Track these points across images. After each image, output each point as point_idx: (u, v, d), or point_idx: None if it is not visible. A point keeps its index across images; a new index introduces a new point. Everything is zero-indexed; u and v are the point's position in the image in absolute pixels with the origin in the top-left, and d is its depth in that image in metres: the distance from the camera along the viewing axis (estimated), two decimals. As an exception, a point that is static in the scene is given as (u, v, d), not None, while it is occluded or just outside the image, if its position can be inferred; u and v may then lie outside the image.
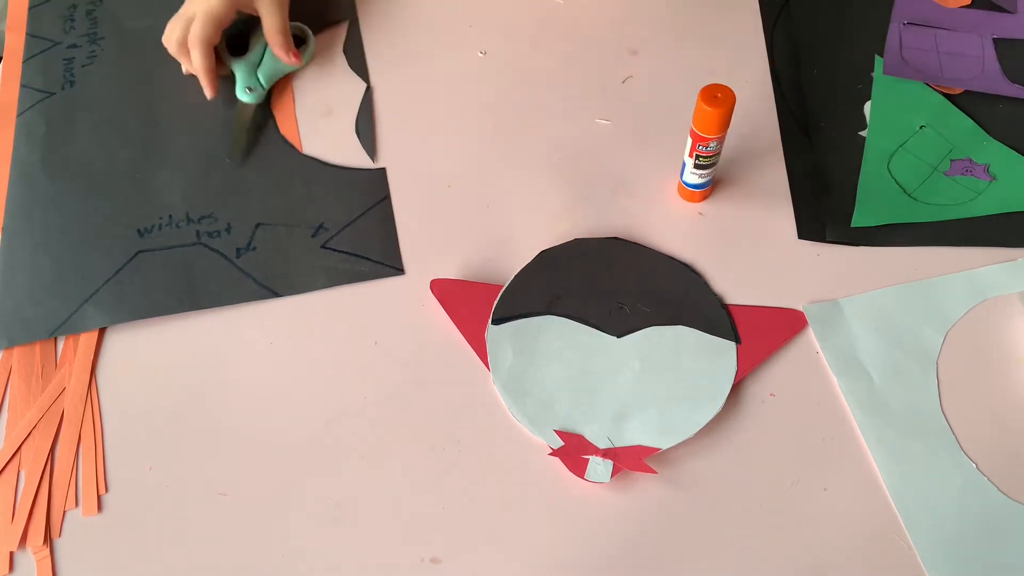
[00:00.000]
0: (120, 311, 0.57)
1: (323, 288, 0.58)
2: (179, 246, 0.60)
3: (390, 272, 0.59)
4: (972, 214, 0.61)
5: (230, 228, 0.61)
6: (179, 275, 0.59)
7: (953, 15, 0.72)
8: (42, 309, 0.57)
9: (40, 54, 0.70)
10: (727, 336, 0.56)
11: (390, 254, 0.60)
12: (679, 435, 0.52)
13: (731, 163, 0.63)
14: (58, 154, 0.65)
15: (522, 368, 0.55)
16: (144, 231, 0.61)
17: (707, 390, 0.54)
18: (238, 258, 0.60)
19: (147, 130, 0.66)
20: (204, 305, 0.58)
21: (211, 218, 0.61)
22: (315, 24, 0.71)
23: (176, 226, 0.61)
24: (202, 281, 0.59)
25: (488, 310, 0.57)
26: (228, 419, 0.54)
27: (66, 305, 0.58)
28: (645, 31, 0.71)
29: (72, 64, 0.69)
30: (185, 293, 0.58)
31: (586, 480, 0.51)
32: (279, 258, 0.60)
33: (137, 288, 0.58)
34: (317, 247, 0.60)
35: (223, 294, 0.58)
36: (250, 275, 0.59)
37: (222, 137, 0.65)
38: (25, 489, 0.51)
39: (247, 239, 0.60)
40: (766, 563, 0.49)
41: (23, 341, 0.56)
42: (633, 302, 0.57)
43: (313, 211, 0.62)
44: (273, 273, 0.59)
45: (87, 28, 0.72)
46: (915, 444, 0.52)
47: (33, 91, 0.68)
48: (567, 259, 0.59)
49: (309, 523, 0.50)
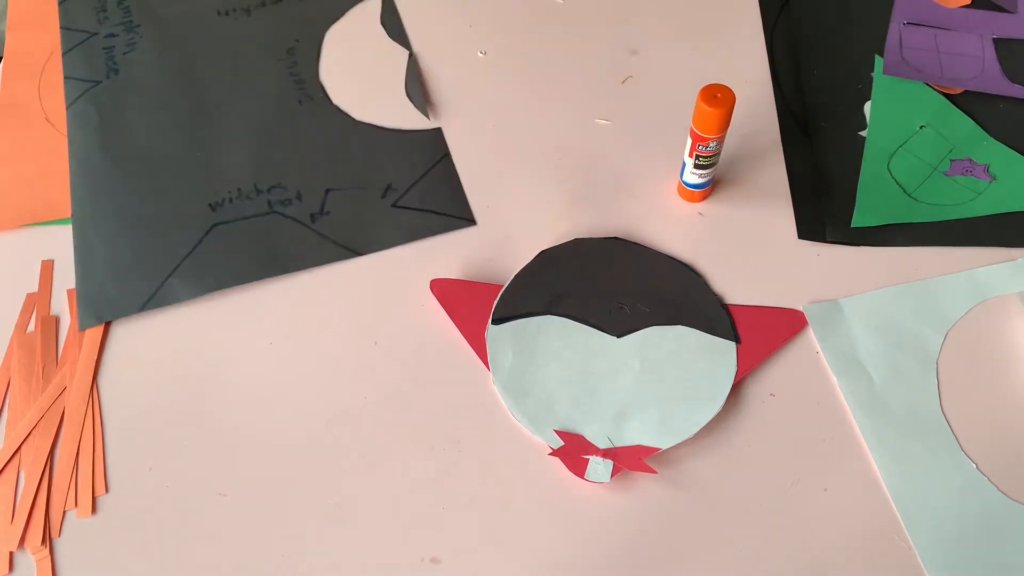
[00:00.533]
0: (205, 281, 0.59)
1: (402, 244, 0.60)
2: (253, 216, 0.62)
3: (462, 224, 0.61)
4: (972, 214, 0.61)
5: (300, 196, 0.63)
6: (258, 243, 0.60)
7: (953, 15, 0.72)
8: (127, 288, 0.59)
9: (78, 46, 0.72)
10: (727, 336, 0.56)
11: (460, 207, 0.61)
12: (679, 435, 0.52)
13: (731, 163, 0.63)
14: (115, 139, 0.66)
15: (522, 368, 0.55)
16: (216, 205, 0.62)
17: (707, 390, 0.54)
18: (314, 223, 0.61)
19: (198, 111, 0.68)
20: (289, 269, 0.59)
21: (280, 188, 0.63)
22: (349, 1, 0.74)
23: (247, 198, 0.63)
24: (283, 247, 0.60)
25: (488, 310, 0.57)
26: (228, 419, 0.54)
27: (150, 282, 0.59)
28: (645, 31, 0.71)
29: (113, 52, 0.71)
30: (267, 259, 0.60)
31: (586, 480, 0.51)
32: (354, 220, 0.61)
33: (219, 259, 0.60)
34: (388, 206, 0.62)
35: (305, 257, 0.60)
36: (329, 237, 0.60)
37: (275, 109, 0.67)
38: (25, 489, 0.51)
39: (319, 204, 0.62)
40: (766, 563, 0.49)
41: (112, 318, 0.57)
42: (633, 302, 0.57)
43: (378, 174, 0.64)
44: (351, 234, 0.61)
45: (121, 17, 0.74)
46: (915, 444, 0.52)
47: (78, 81, 0.70)
48: (567, 259, 0.59)
49: (309, 523, 0.50)
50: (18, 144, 0.67)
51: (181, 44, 0.72)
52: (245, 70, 0.70)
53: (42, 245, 0.61)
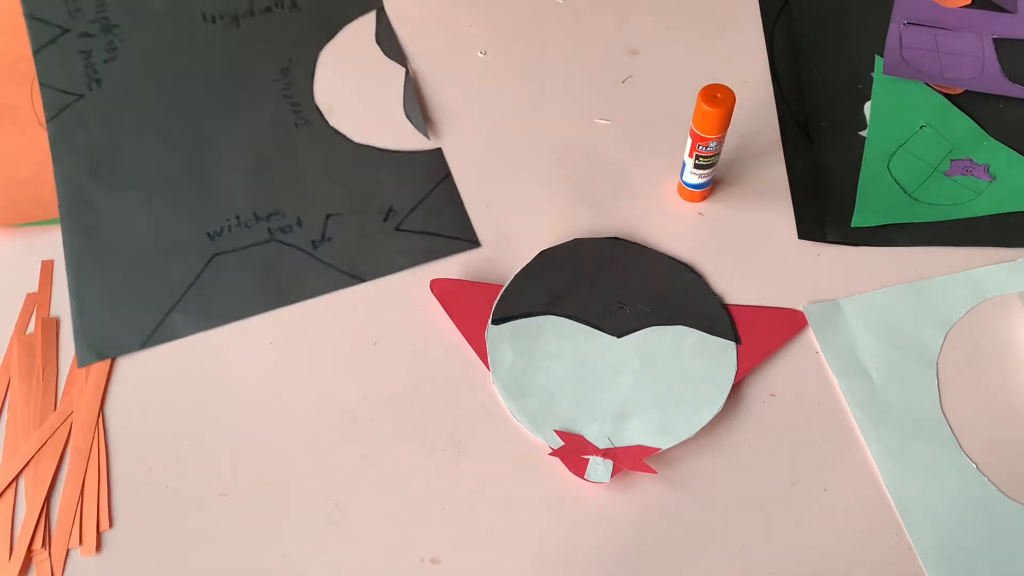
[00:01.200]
0: (210, 315, 0.57)
1: (407, 268, 0.59)
2: (253, 245, 0.60)
3: (467, 246, 0.60)
4: (972, 214, 0.61)
5: (300, 222, 0.61)
6: (261, 273, 0.59)
7: (953, 15, 0.72)
8: (127, 322, 0.57)
9: (50, 44, 0.68)
10: (727, 336, 0.56)
11: (463, 229, 0.60)
12: (679, 435, 0.52)
13: (731, 163, 0.63)
14: (105, 164, 0.63)
15: (522, 368, 0.55)
16: (214, 234, 0.61)
17: (707, 390, 0.54)
18: (315, 250, 0.60)
19: (192, 130, 0.65)
20: (293, 300, 0.58)
21: (279, 215, 0.61)
22: (341, 17, 0.72)
23: (245, 226, 0.61)
24: (286, 276, 0.59)
25: (488, 310, 0.57)
26: (228, 419, 0.54)
27: (152, 315, 0.57)
28: (645, 31, 0.71)
29: (91, 59, 0.68)
30: (271, 289, 0.58)
31: (586, 480, 0.51)
32: (357, 245, 0.60)
33: (220, 290, 0.58)
34: (391, 230, 0.61)
35: (309, 287, 0.58)
36: (332, 265, 0.59)
37: (271, 133, 0.65)
38: (25, 521, 0.51)
39: (320, 231, 0.61)
40: (766, 563, 0.49)
41: (114, 355, 0.56)
42: (633, 302, 0.57)
43: (380, 197, 0.62)
44: (354, 260, 0.59)
45: (95, 13, 0.70)
46: (915, 444, 0.52)
47: (57, 92, 0.67)
48: (567, 259, 0.59)
49: (309, 523, 0.50)
50: (13, 147, 0.65)
51: (168, 56, 0.68)
52: (239, 90, 0.67)
53: (42, 245, 0.61)
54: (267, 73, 0.68)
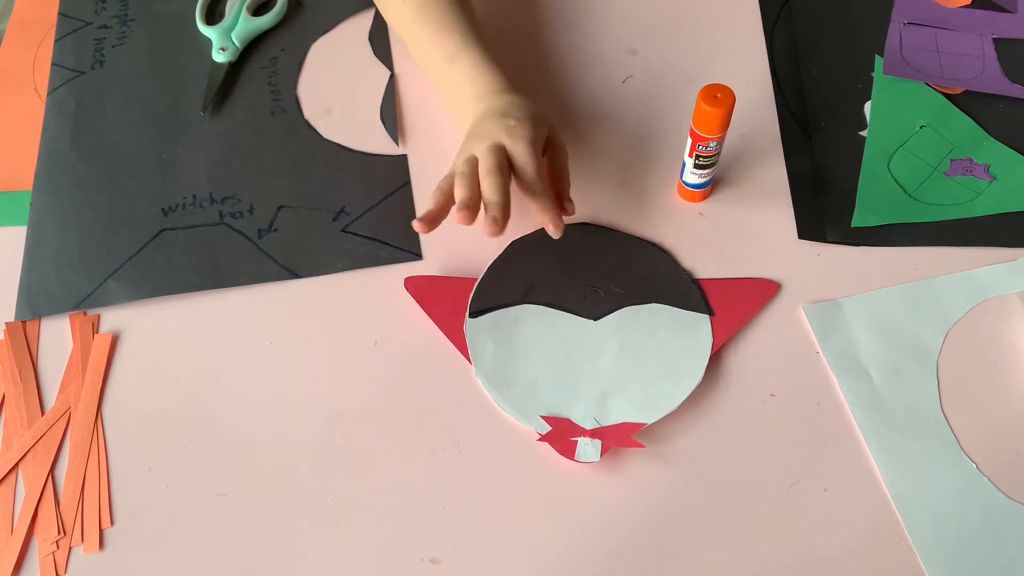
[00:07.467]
0: (142, 287, 0.58)
1: (342, 271, 0.59)
2: (203, 225, 0.61)
3: (409, 257, 0.59)
4: (972, 214, 0.61)
5: (253, 209, 0.62)
6: (202, 254, 0.60)
7: (953, 15, 0.72)
8: (67, 284, 0.58)
9: (71, 34, 0.72)
10: (700, 309, 0.56)
11: (409, 239, 0.60)
12: (663, 409, 0.53)
13: (731, 163, 0.63)
14: (87, 132, 0.66)
15: (503, 359, 0.55)
16: (168, 210, 0.62)
17: (686, 363, 0.54)
18: (260, 239, 0.60)
19: (173, 111, 0.67)
20: (225, 284, 0.58)
21: (234, 199, 0.62)
22: (340, 12, 0.73)
23: (200, 206, 0.62)
24: (224, 261, 0.59)
25: (464, 304, 0.57)
26: (227, 419, 0.54)
27: (90, 280, 0.59)
28: (645, 31, 0.71)
29: (102, 44, 0.71)
30: (207, 271, 0.59)
31: (576, 461, 0.51)
32: (300, 241, 0.60)
33: (160, 265, 0.59)
34: (337, 231, 0.61)
35: (244, 274, 0.59)
36: (271, 256, 0.60)
37: (245, 118, 0.66)
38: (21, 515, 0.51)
39: (269, 221, 0.61)
40: (766, 563, 0.49)
41: (47, 313, 0.57)
42: (606, 284, 0.57)
43: (335, 195, 0.62)
44: (294, 255, 0.60)
45: (118, 10, 0.74)
46: (915, 444, 0.52)
47: (64, 70, 0.70)
48: (538, 248, 0.59)
49: (309, 523, 0.50)
50: (3, 110, 0.68)
51: (168, 43, 0.71)
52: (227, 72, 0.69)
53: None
54: (256, 60, 0.71)
